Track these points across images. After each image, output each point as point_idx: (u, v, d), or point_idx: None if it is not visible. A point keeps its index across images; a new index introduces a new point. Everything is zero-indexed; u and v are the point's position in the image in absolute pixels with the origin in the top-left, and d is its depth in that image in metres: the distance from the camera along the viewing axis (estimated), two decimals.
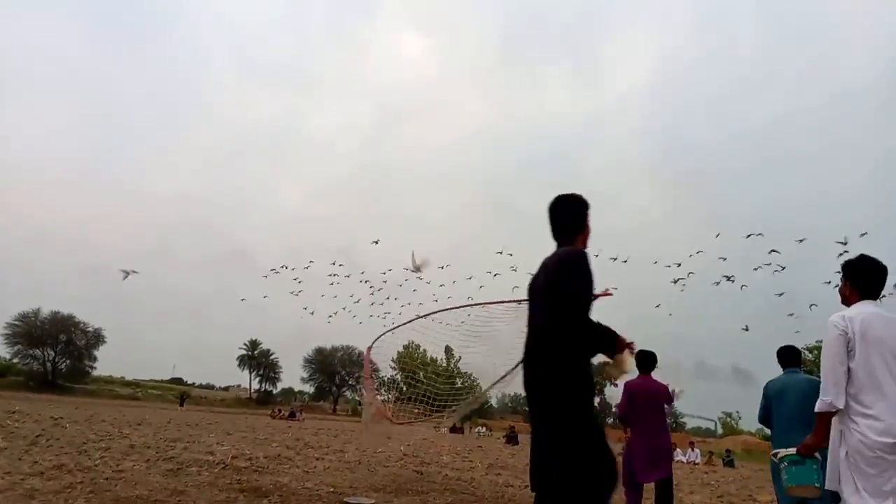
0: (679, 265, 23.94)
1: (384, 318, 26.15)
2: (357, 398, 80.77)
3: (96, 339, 61.15)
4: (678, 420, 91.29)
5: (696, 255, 23.60)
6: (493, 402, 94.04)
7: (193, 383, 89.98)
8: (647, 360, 6.58)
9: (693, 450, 26.79)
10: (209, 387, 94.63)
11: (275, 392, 78.11)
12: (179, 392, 63.42)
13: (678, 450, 27.57)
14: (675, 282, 23.98)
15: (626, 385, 6.50)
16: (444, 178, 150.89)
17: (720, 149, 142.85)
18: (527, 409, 3.12)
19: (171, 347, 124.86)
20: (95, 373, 64.17)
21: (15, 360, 58.56)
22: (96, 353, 61.81)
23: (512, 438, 29.56)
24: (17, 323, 57.02)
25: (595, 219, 3.11)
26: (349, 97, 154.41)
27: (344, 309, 31.36)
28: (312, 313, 35.16)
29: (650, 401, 6.45)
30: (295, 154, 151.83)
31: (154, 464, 8.60)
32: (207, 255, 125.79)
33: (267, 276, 37.63)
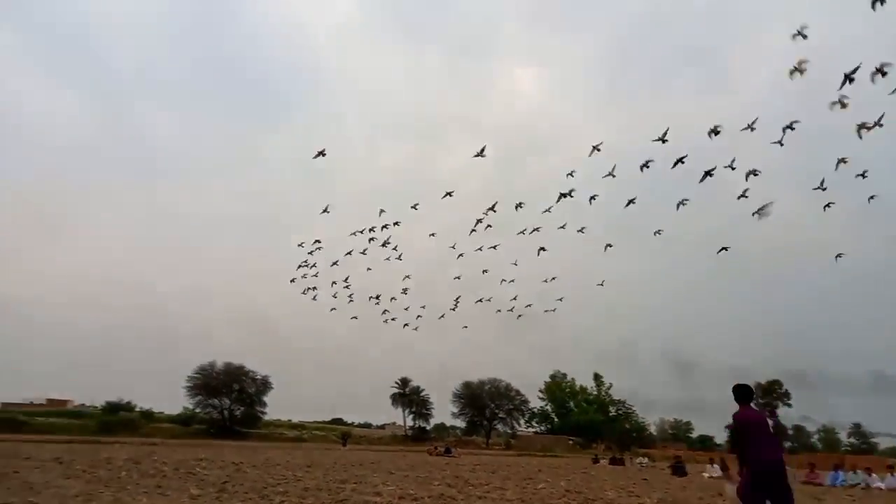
0: None
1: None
2: (508, 430, 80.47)
3: (265, 385, 65.98)
4: (868, 440, 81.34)
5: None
6: (653, 428, 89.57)
7: (353, 423, 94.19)
8: (746, 393, 6.84)
9: (893, 474, 23.48)
10: (366, 425, 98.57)
11: (428, 428, 79.57)
12: (341, 432, 66.57)
13: (873, 475, 24.44)
14: None
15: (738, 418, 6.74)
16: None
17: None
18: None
19: (329, 389, 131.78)
20: (266, 417, 69.03)
21: (197, 410, 64.65)
22: (265, 398, 66.72)
23: (679, 469, 26.78)
24: (196, 375, 63.13)
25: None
26: (471, 138, 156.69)
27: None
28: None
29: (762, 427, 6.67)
30: (426, 198, 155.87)
31: None
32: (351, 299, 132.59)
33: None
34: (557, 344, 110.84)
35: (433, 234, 38.19)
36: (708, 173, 21.02)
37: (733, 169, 21.03)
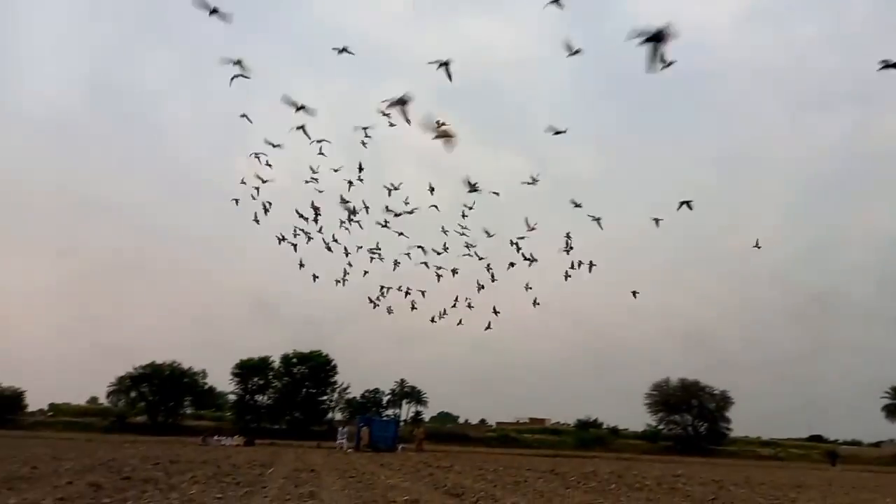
0: None
1: None
2: None
3: (724, 401, 63.19)
4: None
5: None
6: None
7: (836, 440, 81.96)
8: None
9: None
10: (856, 443, 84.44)
11: None
12: (827, 450, 58.66)
13: None
14: None
15: None
16: None
17: None
18: None
19: (804, 404, 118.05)
20: (732, 434, 65.72)
21: (660, 427, 65.66)
22: (727, 414, 63.71)
23: None
24: (653, 393, 64.49)
25: None
26: None
27: None
28: None
29: None
30: None
31: None
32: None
33: None
34: None
35: None
36: None
37: None
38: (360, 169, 18.23)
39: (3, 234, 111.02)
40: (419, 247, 20.05)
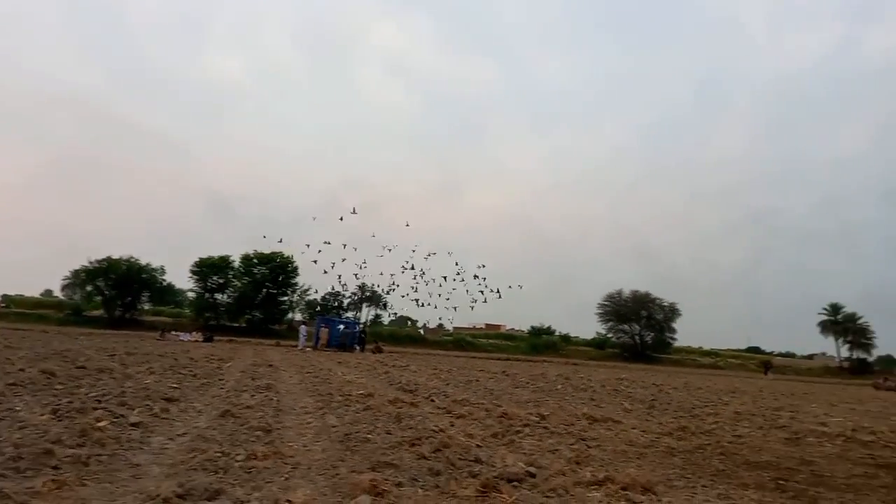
0: None
1: None
2: None
3: (672, 312, 66.05)
4: None
5: None
6: None
7: (772, 352, 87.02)
8: None
9: None
10: (790, 355, 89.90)
11: (870, 360, 68.35)
12: (762, 361, 62.41)
13: None
14: None
15: None
16: None
17: None
18: None
19: (745, 317, 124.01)
20: (676, 344, 69.15)
21: (609, 335, 68.63)
22: (674, 325, 66.80)
23: None
24: (606, 303, 66.94)
25: None
26: None
27: None
28: None
29: None
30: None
31: (768, 431, 8.58)
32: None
33: None
34: None
35: None
36: None
37: None
38: None
39: None
40: None
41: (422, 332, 62.27)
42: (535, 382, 16.26)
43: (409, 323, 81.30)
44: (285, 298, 57.73)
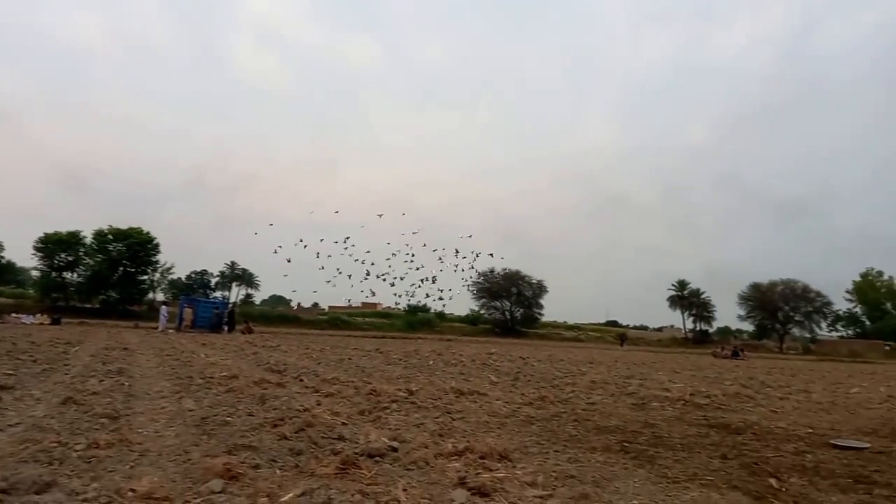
0: None
1: None
2: (806, 334, 72.61)
3: (540, 289, 69.56)
4: None
5: None
6: None
7: (628, 325, 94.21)
8: None
9: None
10: (643, 328, 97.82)
11: (710, 331, 76.06)
12: (618, 333, 67.39)
13: None
14: None
15: None
16: None
17: None
18: None
19: (604, 293, 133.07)
20: (543, 319, 72.87)
21: (482, 312, 71.05)
22: (542, 301, 70.33)
23: None
24: (479, 281, 69.19)
25: None
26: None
27: None
28: None
29: None
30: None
31: (618, 398, 9.26)
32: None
33: None
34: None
35: None
36: None
37: None
38: None
39: None
40: None
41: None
42: (407, 359, 16.46)
43: (283, 302, 79.19)
44: (145, 277, 54.06)
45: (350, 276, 50.68)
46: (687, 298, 74.37)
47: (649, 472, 4.29)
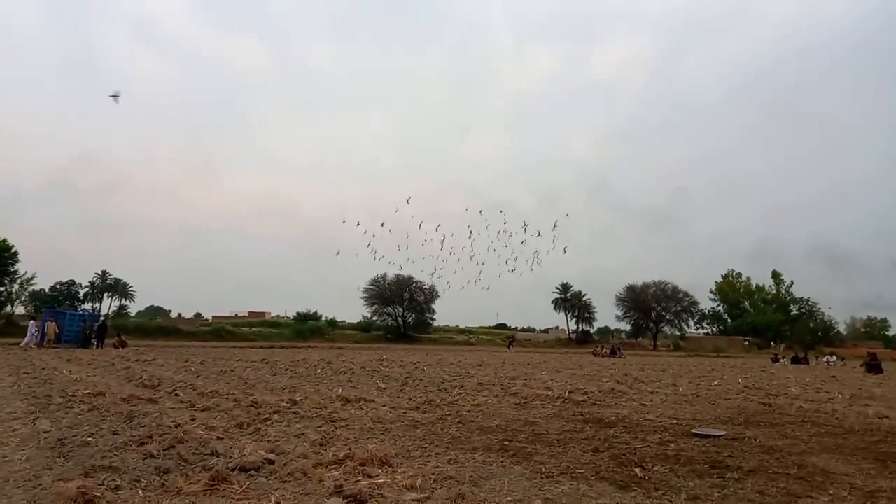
0: None
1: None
2: (676, 332, 78.21)
3: (432, 294, 70.07)
4: None
5: None
6: (842, 328, 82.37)
7: (517, 327, 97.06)
8: None
9: None
10: (531, 330, 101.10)
11: (591, 331, 79.98)
12: (506, 336, 69.21)
13: None
14: None
15: None
16: None
17: None
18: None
19: (493, 297, 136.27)
20: (436, 324, 73.47)
21: (374, 318, 70.53)
22: (434, 306, 70.94)
23: (874, 367, 25.05)
24: (371, 287, 68.61)
25: None
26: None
27: None
28: None
29: None
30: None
31: (503, 398, 9.51)
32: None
33: None
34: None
35: None
36: None
37: None
38: None
39: None
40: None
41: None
42: (294, 368, 16.02)
43: (162, 312, 74.75)
44: (2, 290, 49.16)
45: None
46: (570, 301, 77.79)
47: (525, 469, 4.44)
